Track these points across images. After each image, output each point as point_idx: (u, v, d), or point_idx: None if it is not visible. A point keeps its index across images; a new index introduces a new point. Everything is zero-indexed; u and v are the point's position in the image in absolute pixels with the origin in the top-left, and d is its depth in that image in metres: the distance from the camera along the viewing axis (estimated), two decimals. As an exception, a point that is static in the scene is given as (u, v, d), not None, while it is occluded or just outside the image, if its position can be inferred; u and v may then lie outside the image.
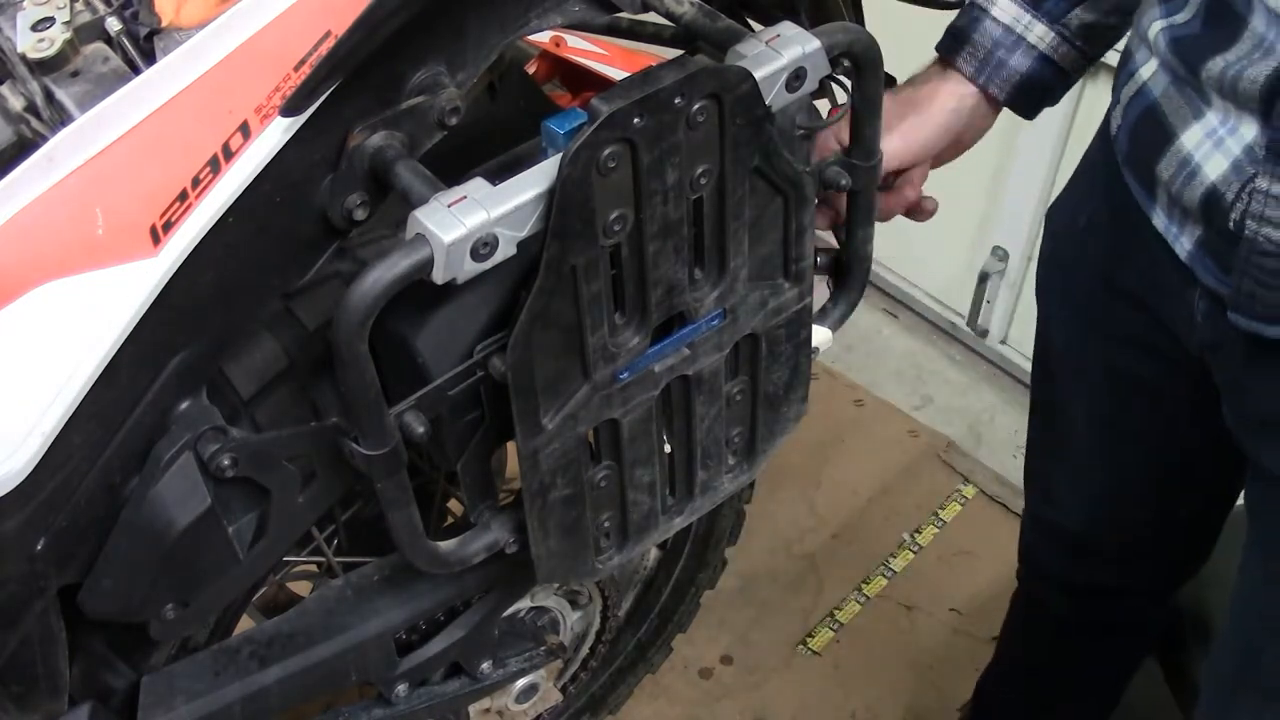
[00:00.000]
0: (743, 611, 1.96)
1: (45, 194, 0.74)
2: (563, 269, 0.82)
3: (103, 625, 0.94)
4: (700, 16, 0.92)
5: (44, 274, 0.74)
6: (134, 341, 0.78)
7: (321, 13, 0.77)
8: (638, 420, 0.95)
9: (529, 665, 1.26)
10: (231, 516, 0.91)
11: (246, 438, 0.89)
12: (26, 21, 0.86)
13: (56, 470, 0.80)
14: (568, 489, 0.95)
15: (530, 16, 0.88)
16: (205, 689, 1.01)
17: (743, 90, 0.84)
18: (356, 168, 0.83)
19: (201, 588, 0.92)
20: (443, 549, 0.97)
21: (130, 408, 0.84)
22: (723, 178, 0.87)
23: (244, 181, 0.77)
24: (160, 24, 0.85)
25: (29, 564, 0.83)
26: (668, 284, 0.89)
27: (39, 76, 0.84)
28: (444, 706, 1.20)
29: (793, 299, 0.99)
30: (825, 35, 0.88)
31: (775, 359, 1.02)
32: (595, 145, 0.78)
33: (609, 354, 0.89)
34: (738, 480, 1.09)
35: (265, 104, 0.76)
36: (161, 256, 0.76)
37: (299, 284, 0.89)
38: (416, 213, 0.78)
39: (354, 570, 1.10)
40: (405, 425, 0.86)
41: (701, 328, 0.94)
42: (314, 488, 0.93)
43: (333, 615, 1.06)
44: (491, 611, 1.17)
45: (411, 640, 1.15)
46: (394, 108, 0.83)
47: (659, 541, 1.12)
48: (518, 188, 0.79)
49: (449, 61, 0.85)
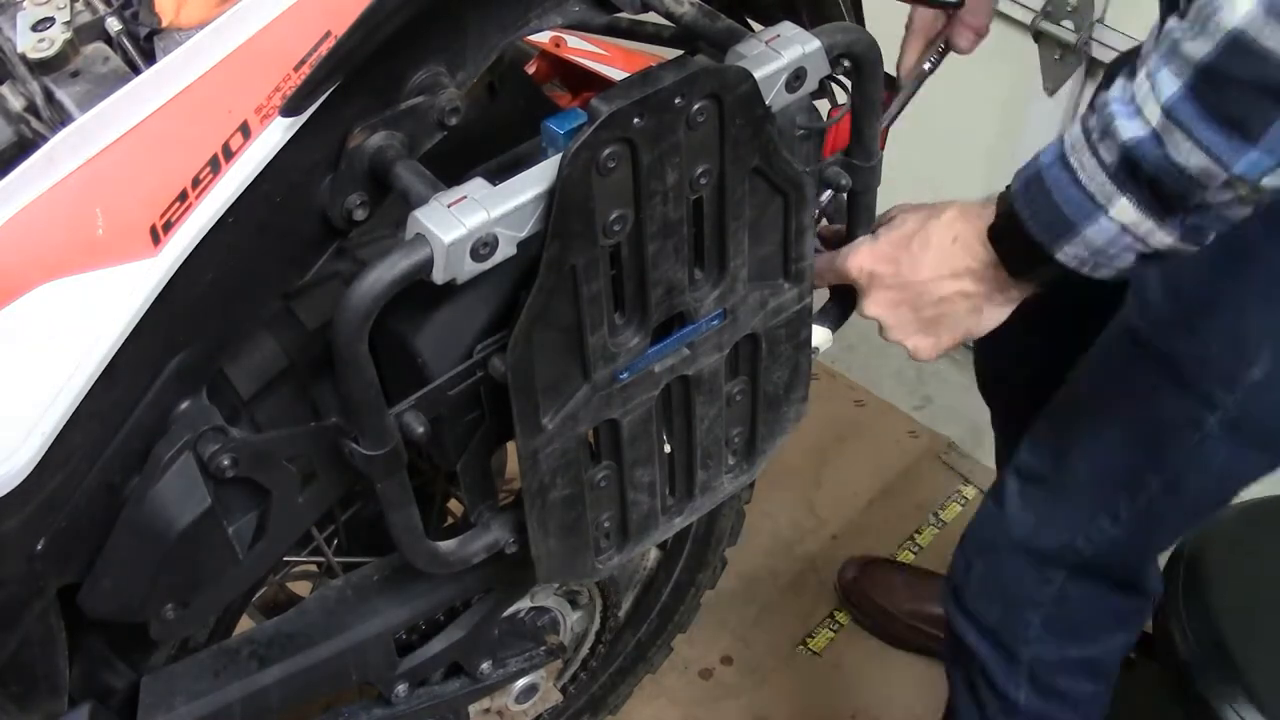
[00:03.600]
0: (743, 611, 1.96)
1: (45, 194, 0.74)
2: (563, 269, 0.82)
3: (103, 625, 0.94)
4: (700, 16, 0.92)
5: (44, 274, 0.74)
6: (134, 341, 0.78)
7: (321, 13, 0.77)
8: (638, 420, 0.95)
9: (529, 665, 1.26)
10: (231, 516, 0.91)
11: (246, 438, 0.89)
12: (26, 21, 0.86)
13: (57, 470, 0.80)
14: (568, 489, 0.95)
15: (530, 16, 0.88)
16: (205, 689, 1.01)
17: (743, 90, 0.84)
18: (356, 168, 0.83)
19: (201, 588, 0.92)
20: (443, 549, 0.97)
21: (130, 408, 0.84)
22: (723, 178, 0.87)
23: (244, 181, 0.77)
24: (160, 24, 0.85)
25: (29, 564, 0.83)
26: (668, 284, 0.89)
27: (39, 76, 0.84)
28: (444, 706, 1.20)
29: (793, 299, 0.99)
30: (825, 35, 0.88)
31: (775, 359, 1.02)
32: (595, 145, 0.78)
33: (609, 354, 0.89)
34: (738, 480, 1.09)
35: (265, 104, 0.77)
36: (161, 256, 0.76)
37: (299, 284, 0.89)
38: (416, 213, 0.78)
39: (354, 570, 1.10)
40: (405, 425, 0.86)
41: (701, 328, 0.94)
42: (314, 488, 0.93)
43: (333, 615, 1.06)
44: (491, 611, 1.17)
45: (411, 640, 1.15)
46: (394, 108, 0.83)
47: (659, 541, 1.12)
48: (518, 188, 0.79)
49: (449, 61, 0.85)
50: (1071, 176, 0.89)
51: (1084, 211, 0.89)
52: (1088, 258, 0.92)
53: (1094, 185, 0.88)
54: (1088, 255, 0.92)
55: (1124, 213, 0.88)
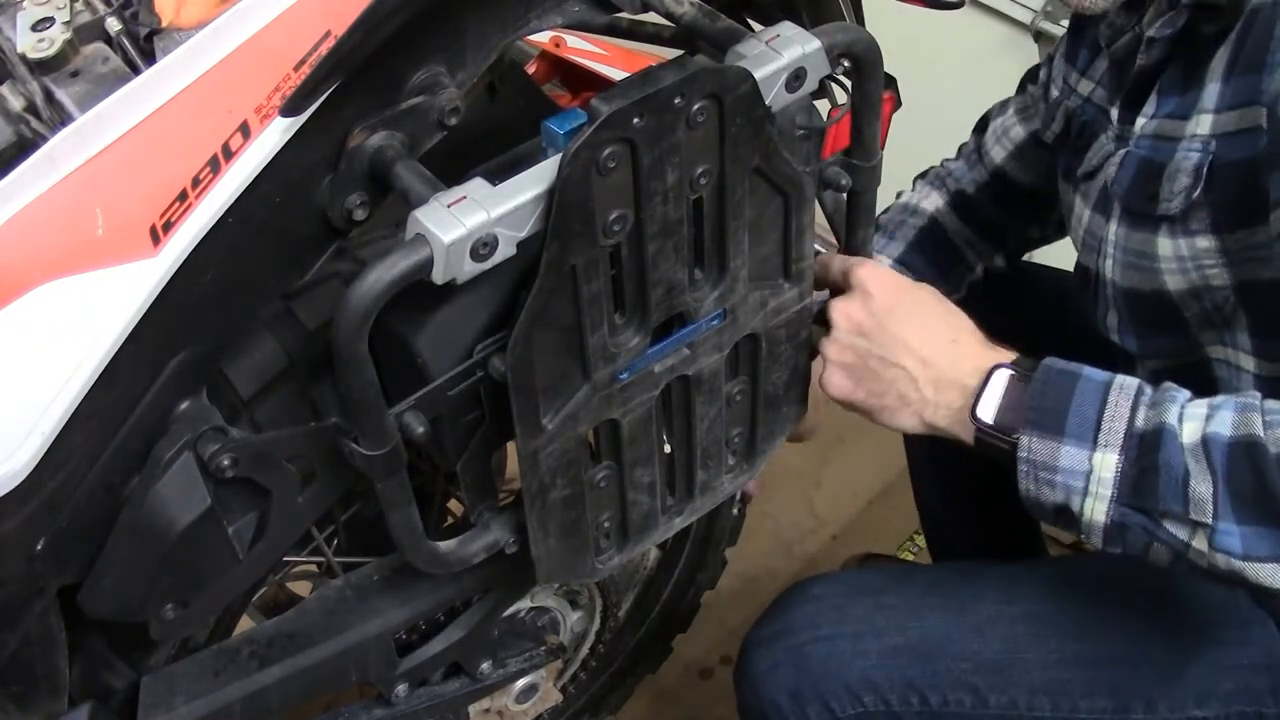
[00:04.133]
0: (743, 611, 1.96)
1: (45, 194, 0.74)
2: (563, 269, 0.82)
3: (103, 625, 0.94)
4: (700, 16, 0.92)
5: (44, 274, 0.74)
6: (134, 341, 0.78)
7: (321, 13, 0.77)
8: (638, 420, 0.95)
9: (529, 665, 1.26)
10: (231, 516, 0.91)
11: (246, 438, 0.89)
12: (26, 21, 0.86)
13: (56, 470, 0.80)
14: (568, 489, 0.95)
15: (530, 17, 0.88)
16: (205, 689, 1.00)
17: (743, 90, 0.83)
18: (356, 168, 0.83)
19: (201, 588, 0.92)
20: (443, 549, 0.97)
21: (130, 408, 0.84)
22: (723, 178, 0.87)
23: (244, 181, 0.77)
24: (160, 24, 0.85)
25: (29, 564, 0.83)
26: (668, 284, 0.89)
27: (39, 76, 0.84)
28: (444, 706, 1.20)
29: (793, 299, 0.99)
30: (825, 35, 0.88)
31: (775, 359, 1.02)
32: (595, 145, 0.78)
33: (609, 354, 0.89)
34: (738, 480, 1.09)
35: (265, 104, 0.77)
36: (161, 256, 0.76)
37: (299, 284, 0.89)
38: (416, 213, 0.78)
39: (354, 570, 1.10)
40: (405, 425, 0.86)
41: (701, 328, 0.94)
42: (314, 488, 0.93)
43: (333, 615, 1.06)
44: (491, 612, 1.17)
45: (411, 640, 1.15)
46: (394, 108, 0.83)
47: (659, 541, 1.12)
48: (518, 188, 0.79)
49: (449, 61, 0.85)
50: (1100, 404, 0.91)
51: (1080, 432, 0.91)
52: (1039, 462, 0.93)
53: (1108, 426, 0.91)
54: (1041, 461, 0.93)
55: (1105, 467, 0.91)
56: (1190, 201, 0.99)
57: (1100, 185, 1.12)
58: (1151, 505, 0.89)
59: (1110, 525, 0.91)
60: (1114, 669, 1.10)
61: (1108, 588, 1.15)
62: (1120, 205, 1.07)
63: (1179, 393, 0.92)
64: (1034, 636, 1.12)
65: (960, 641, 1.13)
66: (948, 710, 1.12)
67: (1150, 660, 1.10)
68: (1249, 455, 0.86)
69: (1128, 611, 1.13)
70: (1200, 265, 1.02)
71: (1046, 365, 0.95)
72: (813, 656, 1.16)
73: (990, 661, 1.12)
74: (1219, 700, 1.08)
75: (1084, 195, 1.16)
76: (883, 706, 1.13)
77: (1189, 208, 1.00)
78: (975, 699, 1.11)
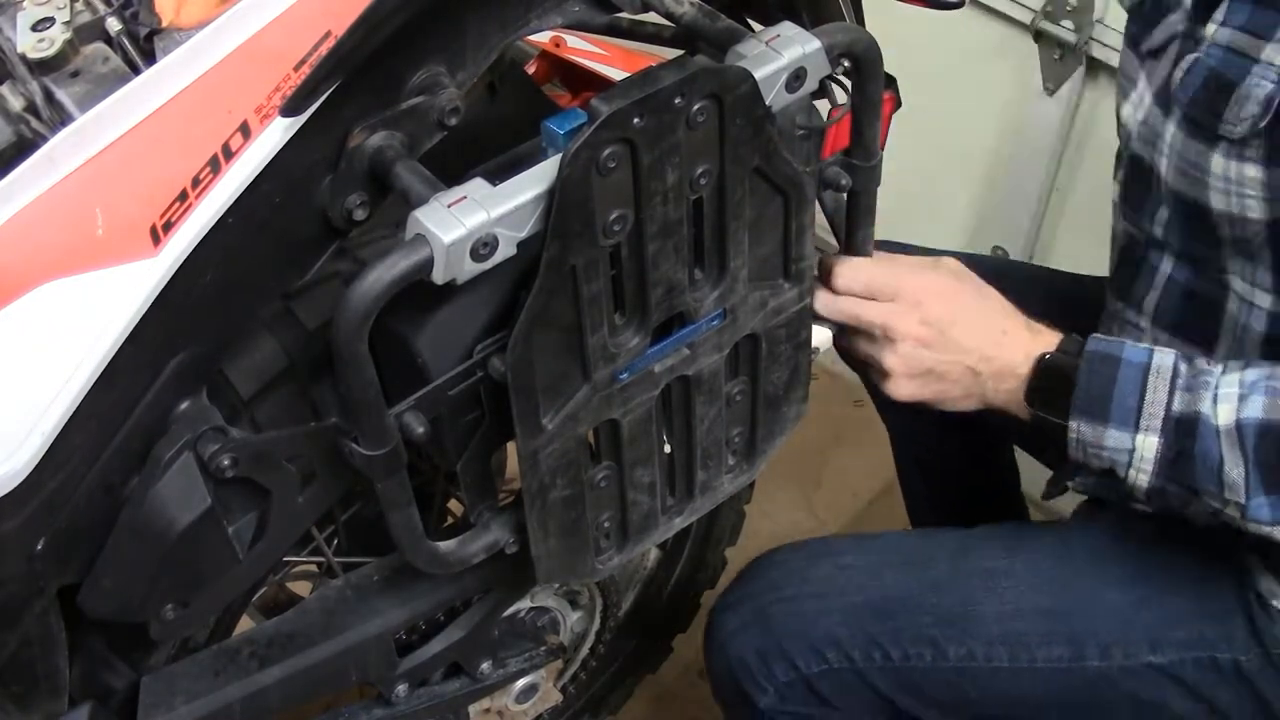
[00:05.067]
0: (743, 611, 1.96)
1: (45, 194, 0.74)
2: (563, 269, 0.82)
3: (103, 625, 0.94)
4: (700, 16, 0.92)
5: (44, 274, 0.74)
6: (134, 341, 0.78)
7: (321, 13, 0.77)
8: (638, 420, 0.95)
9: (529, 665, 1.26)
10: (231, 517, 0.91)
11: (246, 438, 0.89)
12: (26, 21, 0.86)
13: (56, 470, 0.80)
14: (568, 489, 0.95)
15: (530, 17, 0.88)
16: (205, 689, 1.00)
17: (743, 90, 0.84)
18: (356, 168, 0.83)
19: (201, 588, 0.92)
20: (443, 549, 0.97)
21: (130, 408, 0.84)
22: (723, 178, 0.87)
23: (244, 182, 0.77)
24: (160, 24, 0.85)
25: (29, 564, 0.83)
26: (668, 284, 0.89)
27: (39, 76, 0.84)
28: (444, 706, 1.20)
29: (793, 299, 0.99)
30: (825, 35, 0.88)
31: (775, 359, 1.02)
32: (595, 145, 0.78)
33: (609, 354, 0.89)
34: (738, 480, 1.09)
35: (265, 104, 0.77)
36: (161, 256, 0.76)
37: (299, 284, 0.89)
38: (416, 213, 0.78)
39: (354, 570, 1.10)
40: (405, 425, 0.86)
41: (701, 328, 0.94)
42: (314, 488, 0.93)
43: (333, 615, 1.06)
44: (491, 612, 1.17)
45: (411, 640, 1.15)
46: (394, 108, 0.83)
47: (659, 542, 1.12)
48: (518, 188, 0.79)
49: (449, 61, 0.85)
50: (1140, 393, 1.00)
51: (1124, 418, 1.01)
52: (1087, 442, 1.03)
53: (1148, 411, 1.00)
54: (1089, 441, 1.03)
55: (1147, 448, 1.00)
56: (1253, 130, 0.99)
57: (1163, 75, 1.10)
58: (1189, 484, 1.00)
59: (1152, 489, 1.02)
60: (1069, 620, 1.15)
61: (1064, 544, 1.21)
62: (1181, 110, 1.06)
63: (1210, 375, 1.00)
64: (990, 590, 1.17)
65: (919, 597, 1.18)
66: (909, 664, 1.17)
67: (1106, 610, 1.15)
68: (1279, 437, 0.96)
69: (1084, 567, 1.18)
70: (1243, 193, 1.02)
71: (1090, 353, 1.02)
72: (777, 616, 1.21)
73: (948, 615, 1.17)
74: (1173, 646, 1.12)
75: (1148, 74, 1.14)
76: (846, 662, 1.18)
77: (1249, 135, 1.00)
78: (935, 652, 1.16)
